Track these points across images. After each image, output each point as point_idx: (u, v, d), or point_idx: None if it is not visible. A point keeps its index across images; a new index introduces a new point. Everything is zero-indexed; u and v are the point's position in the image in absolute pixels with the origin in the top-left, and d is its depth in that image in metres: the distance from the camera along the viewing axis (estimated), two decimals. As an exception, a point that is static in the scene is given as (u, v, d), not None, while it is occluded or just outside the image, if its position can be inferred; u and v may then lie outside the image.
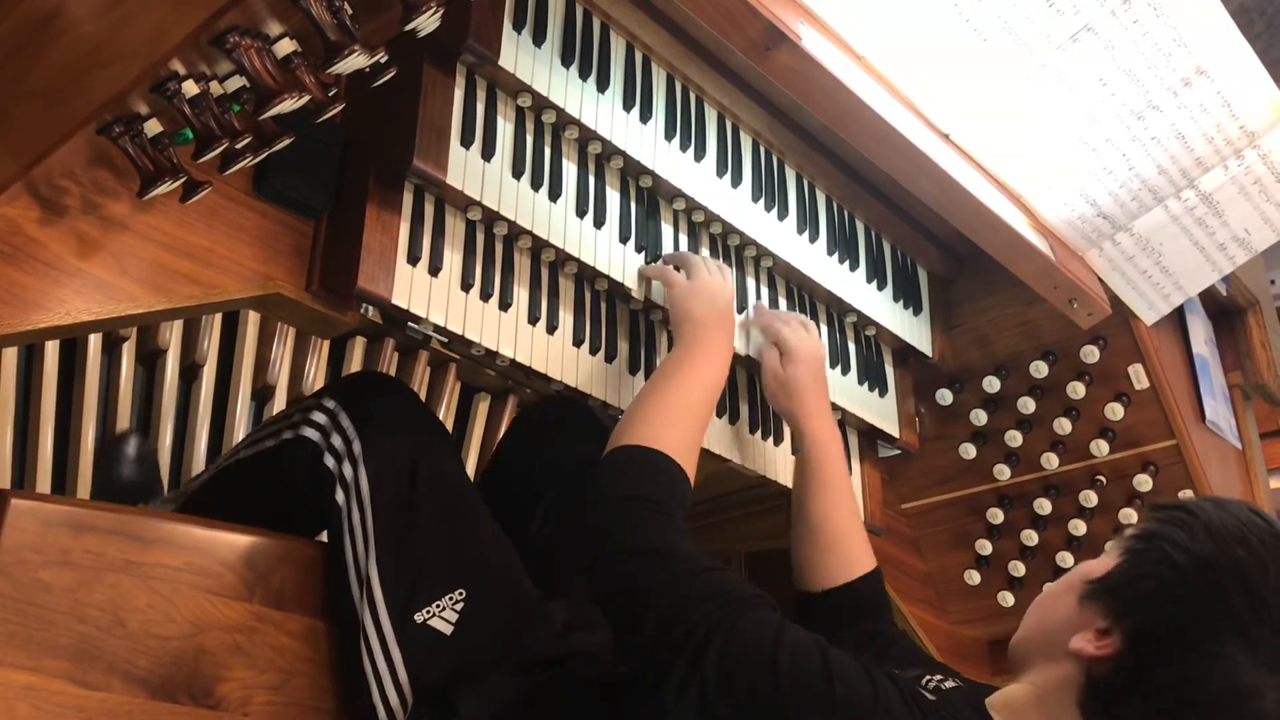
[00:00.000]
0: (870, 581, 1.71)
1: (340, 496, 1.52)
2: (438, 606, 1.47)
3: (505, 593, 1.54)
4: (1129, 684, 1.17)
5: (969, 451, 2.34)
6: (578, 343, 1.72)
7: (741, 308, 1.90)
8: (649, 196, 1.82)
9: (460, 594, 1.48)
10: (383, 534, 1.48)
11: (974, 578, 2.42)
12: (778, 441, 1.99)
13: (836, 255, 2.04)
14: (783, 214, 1.95)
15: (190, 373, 2.13)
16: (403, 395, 1.66)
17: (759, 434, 1.96)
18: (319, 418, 1.57)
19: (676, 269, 1.75)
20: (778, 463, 1.98)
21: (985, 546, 2.40)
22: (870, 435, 2.21)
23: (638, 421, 1.48)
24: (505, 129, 1.64)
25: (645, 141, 1.75)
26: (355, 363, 2.19)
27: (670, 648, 1.23)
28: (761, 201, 1.91)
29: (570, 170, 1.71)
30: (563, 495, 1.76)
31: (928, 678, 1.38)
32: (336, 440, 1.54)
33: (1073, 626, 1.22)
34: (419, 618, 1.46)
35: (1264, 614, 1.12)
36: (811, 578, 1.71)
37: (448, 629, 1.46)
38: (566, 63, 1.66)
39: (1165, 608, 1.16)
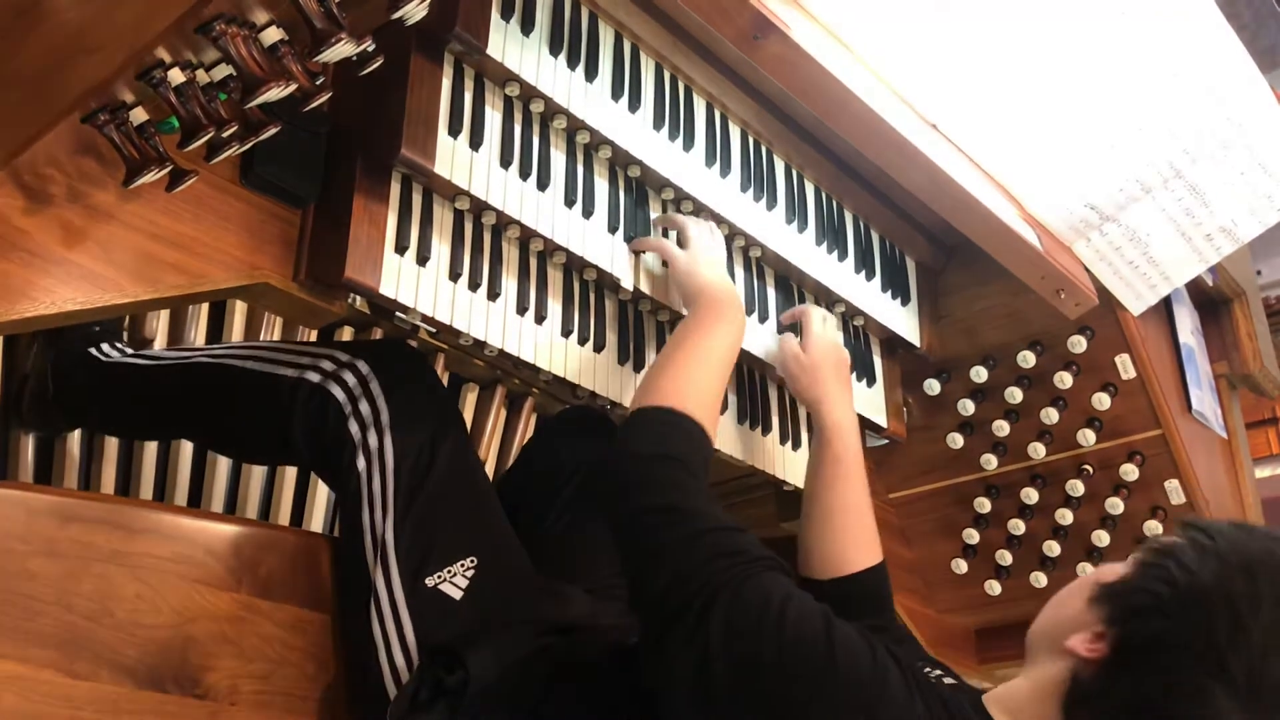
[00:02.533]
0: (878, 574, 1.72)
1: (361, 463, 1.52)
2: (449, 572, 1.48)
3: (515, 566, 1.56)
4: (1104, 691, 1.18)
5: (956, 441, 2.35)
6: (566, 333, 1.72)
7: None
8: (637, 186, 1.82)
9: (472, 561, 1.49)
10: (402, 500, 1.50)
11: (961, 567, 2.43)
12: (766, 432, 1.99)
13: (825, 245, 2.04)
14: (771, 204, 1.95)
15: (177, 362, 2.12)
16: (429, 369, 1.70)
17: (748, 424, 1.97)
18: (349, 378, 1.56)
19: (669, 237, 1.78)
20: (767, 454, 1.99)
21: (972, 536, 2.41)
22: (859, 425, 2.21)
23: (660, 384, 1.49)
24: (493, 118, 1.63)
25: (634, 131, 1.75)
26: (343, 352, 2.18)
27: (678, 604, 1.23)
28: (750, 191, 1.91)
29: (559, 160, 1.71)
30: (578, 492, 1.77)
31: (928, 669, 1.38)
32: (364, 407, 1.54)
33: (1077, 626, 1.22)
34: (430, 582, 1.47)
35: (1244, 648, 1.11)
36: (820, 565, 1.71)
37: (457, 594, 1.47)
38: (555, 52, 1.66)
39: (1152, 622, 1.16)
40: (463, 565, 1.49)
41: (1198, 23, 1.85)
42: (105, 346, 1.84)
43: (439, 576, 1.47)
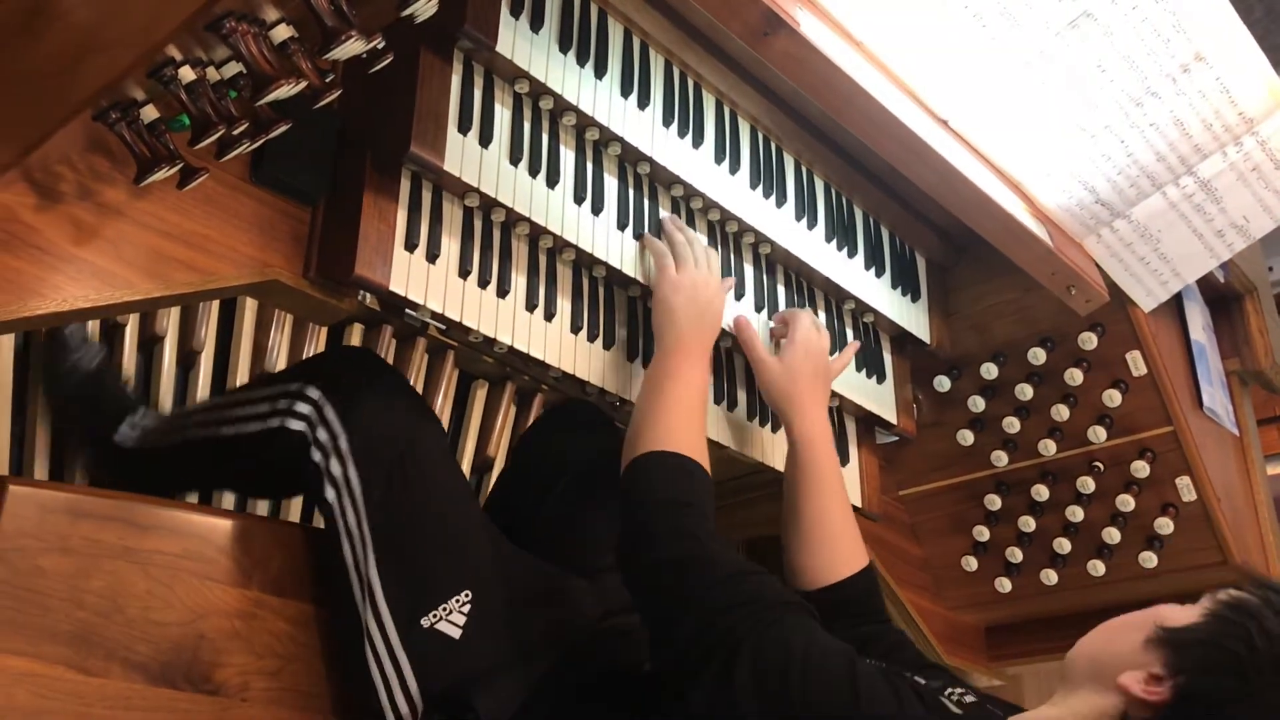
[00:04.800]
0: (864, 578, 1.70)
1: (330, 494, 1.49)
2: (444, 610, 1.45)
3: (511, 589, 1.53)
4: None
5: (967, 438, 2.35)
6: (575, 329, 1.72)
7: (739, 295, 1.90)
8: (647, 183, 1.82)
9: (466, 595, 1.46)
10: (380, 536, 1.47)
11: (971, 564, 2.43)
12: (775, 429, 1.99)
13: (835, 242, 2.04)
14: (781, 201, 1.94)
15: (188, 360, 2.13)
16: (387, 378, 1.63)
17: (756, 421, 1.96)
18: (303, 408, 1.53)
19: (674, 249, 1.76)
20: (775, 450, 1.99)
21: (983, 533, 2.40)
22: (868, 422, 2.21)
23: (650, 428, 1.49)
24: (503, 115, 1.63)
25: (643, 128, 1.75)
26: (353, 350, 2.18)
27: (702, 656, 1.24)
28: (760, 188, 1.91)
29: (568, 157, 1.71)
30: (573, 482, 1.76)
31: (950, 690, 1.36)
32: (322, 434, 1.51)
33: (1130, 663, 1.19)
34: (426, 622, 1.44)
35: None
36: (804, 576, 1.70)
37: (456, 632, 1.45)
38: (564, 49, 1.66)
39: (1224, 681, 1.13)
40: (458, 601, 1.46)
41: (1210, 18, 1.84)
42: (124, 429, 1.77)
43: (434, 616, 1.45)
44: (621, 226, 1.76)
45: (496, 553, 1.56)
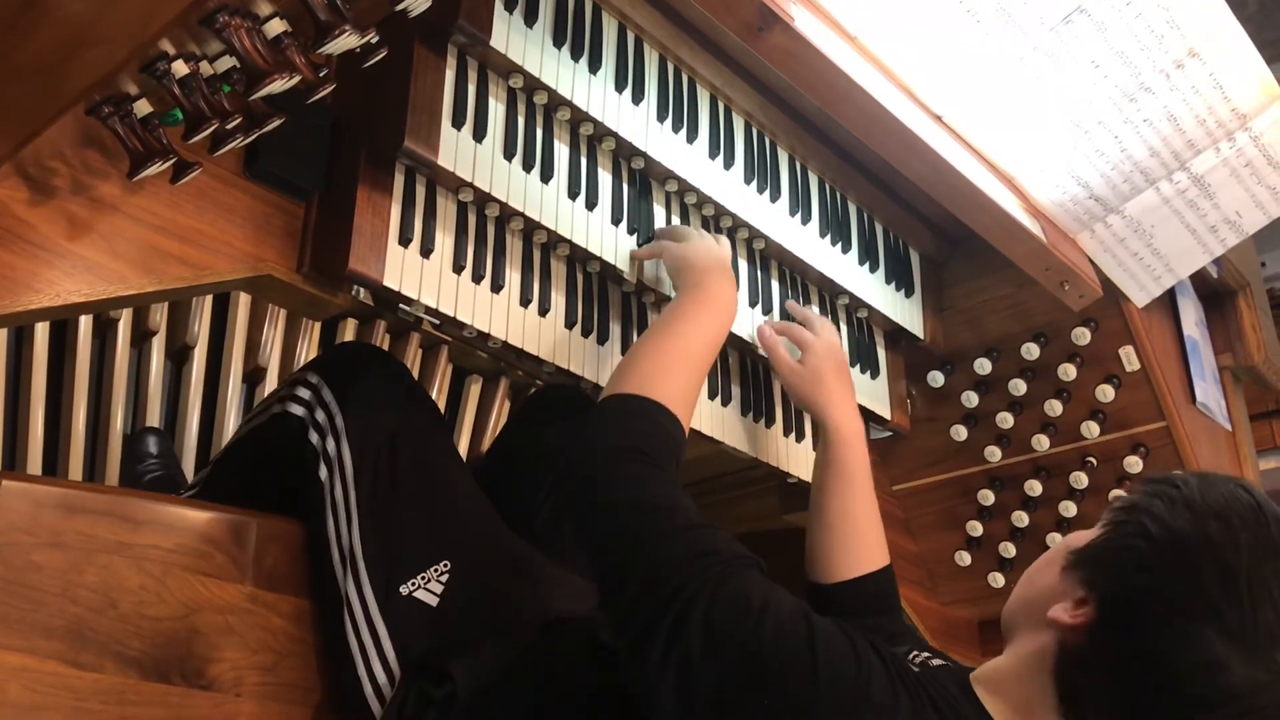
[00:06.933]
0: (884, 576, 1.71)
1: (323, 473, 1.51)
2: (422, 578, 1.46)
3: (491, 562, 1.53)
4: (1098, 654, 1.16)
5: (960, 433, 2.35)
6: (570, 325, 1.72)
7: (733, 290, 1.90)
8: (641, 178, 1.82)
9: (445, 565, 1.47)
10: (365, 508, 1.48)
11: (965, 559, 2.43)
12: (769, 424, 1.99)
13: (829, 238, 2.04)
14: (775, 196, 1.94)
15: (181, 355, 2.13)
16: (387, 365, 1.64)
17: (750, 416, 1.97)
18: (303, 393, 1.56)
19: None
20: (770, 446, 1.99)
21: (976, 528, 2.41)
22: (862, 417, 2.21)
23: (631, 370, 1.44)
24: (497, 110, 1.63)
25: (637, 123, 1.75)
26: (347, 345, 2.18)
27: (654, 609, 1.18)
28: (754, 183, 1.91)
29: (562, 152, 1.71)
30: (563, 475, 1.76)
31: (914, 653, 1.37)
32: (320, 415, 1.54)
33: (1054, 596, 1.21)
34: (404, 590, 1.45)
35: (1234, 591, 1.11)
36: (824, 569, 1.70)
37: (433, 600, 1.45)
38: (558, 43, 1.66)
39: (1137, 579, 1.15)
40: (436, 570, 1.46)
41: (1203, 14, 1.85)
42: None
43: (412, 584, 1.45)
44: (616, 222, 1.75)
45: (482, 527, 1.56)
